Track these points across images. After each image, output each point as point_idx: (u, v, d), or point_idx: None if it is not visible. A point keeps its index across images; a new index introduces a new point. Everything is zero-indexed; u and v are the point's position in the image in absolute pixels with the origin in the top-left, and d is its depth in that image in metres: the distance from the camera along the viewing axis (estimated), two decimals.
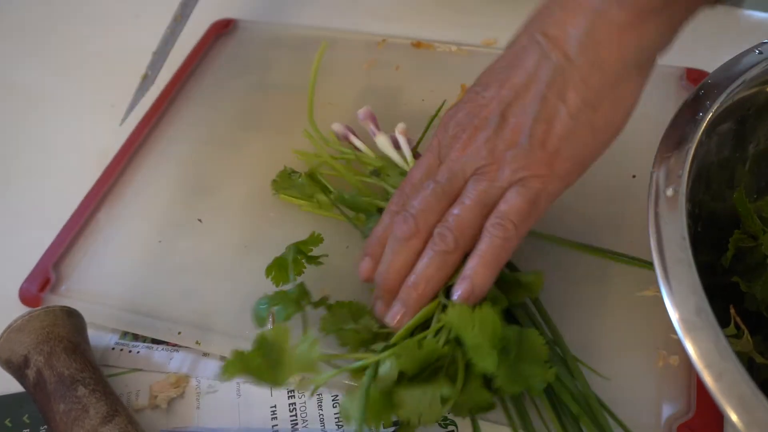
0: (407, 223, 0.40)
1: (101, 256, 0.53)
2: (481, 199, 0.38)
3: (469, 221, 0.38)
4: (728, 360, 0.31)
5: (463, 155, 0.39)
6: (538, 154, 0.37)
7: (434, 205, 0.40)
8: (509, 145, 0.38)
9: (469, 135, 0.39)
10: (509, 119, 0.38)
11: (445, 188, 0.40)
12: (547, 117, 0.37)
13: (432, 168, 0.41)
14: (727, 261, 0.42)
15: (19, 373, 0.43)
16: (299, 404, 0.45)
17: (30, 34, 0.76)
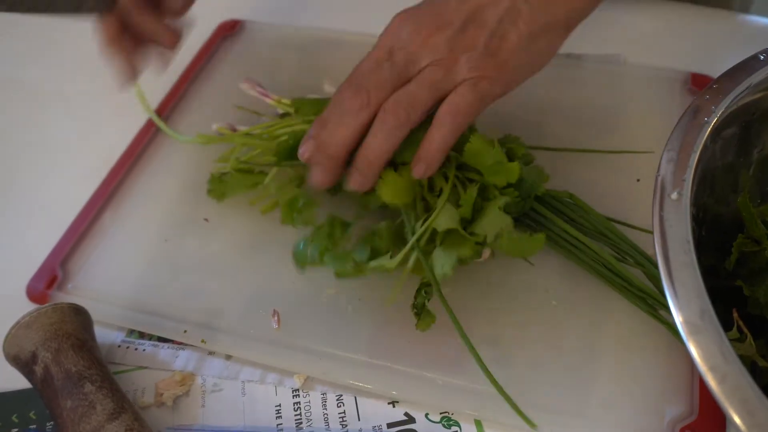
0: (359, 95, 0.43)
1: (108, 255, 0.53)
2: (435, 84, 0.43)
3: (421, 100, 0.43)
4: (732, 363, 0.31)
5: (423, 48, 0.43)
6: (491, 60, 0.43)
7: (387, 82, 0.43)
8: (467, 47, 0.43)
9: (429, 32, 0.44)
10: (469, 27, 0.43)
11: (400, 70, 0.43)
12: (501, 34, 0.43)
13: (381, 61, 0.44)
14: (730, 265, 0.43)
15: (27, 369, 0.43)
16: (304, 403, 0.45)
17: (36, 33, 0.76)
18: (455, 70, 0.43)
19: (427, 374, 0.44)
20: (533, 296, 0.47)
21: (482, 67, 0.43)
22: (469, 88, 0.43)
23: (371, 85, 0.43)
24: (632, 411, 0.42)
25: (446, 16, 0.44)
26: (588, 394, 0.43)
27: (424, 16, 0.45)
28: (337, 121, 0.44)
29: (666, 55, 0.65)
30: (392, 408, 0.44)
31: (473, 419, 0.43)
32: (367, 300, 0.48)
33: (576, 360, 0.44)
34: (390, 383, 0.44)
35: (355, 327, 0.47)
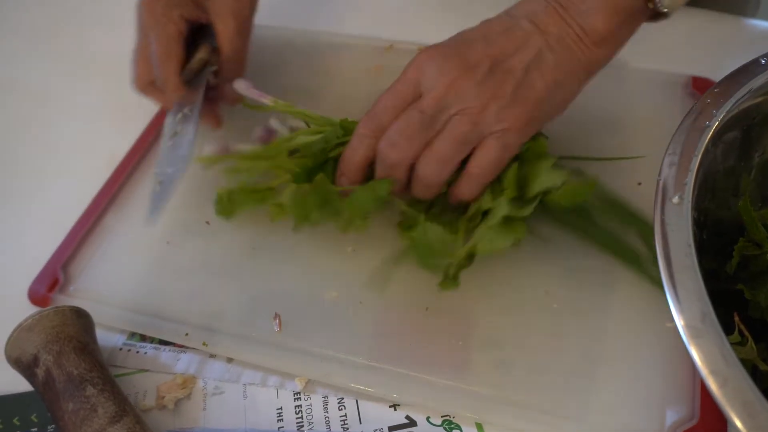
0: (394, 151, 0.45)
1: (110, 257, 0.53)
2: (463, 139, 0.44)
3: (449, 158, 0.44)
4: (733, 366, 0.31)
5: (450, 93, 0.44)
6: (518, 109, 0.44)
7: (417, 134, 0.44)
8: (495, 96, 0.43)
9: (457, 76, 0.44)
10: (496, 73, 0.44)
11: (429, 121, 0.44)
12: (529, 83, 0.44)
13: (405, 97, 0.45)
14: (731, 268, 0.43)
15: (29, 372, 0.43)
16: (305, 406, 0.45)
17: (39, 35, 0.76)
18: (483, 122, 0.44)
19: (429, 377, 0.44)
20: (534, 299, 0.47)
21: (510, 118, 0.43)
22: (497, 143, 0.44)
23: (405, 139, 0.44)
24: (633, 415, 0.42)
25: (472, 59, 0.44)
26: (589, 397, 0.43)
27: (451, 56, 0.45)
28: (382, 173, 0.47)
29: (667, 58, 0.65)
30: (393, 411, 0.44)
31: (474, 422, 0.43)
32: (368, 303, 0.48)
33: (577, 364, 0.44)
34: (391, 386, 0.44)
35: (357, 330, 0.47)
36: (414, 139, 0.44)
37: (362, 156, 0.47)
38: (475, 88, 0.43)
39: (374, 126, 0.46)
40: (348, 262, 0.51)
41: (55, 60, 0.73)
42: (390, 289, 0.49)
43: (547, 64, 0.44)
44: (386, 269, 0.49)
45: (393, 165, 0.46)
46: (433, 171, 0.45)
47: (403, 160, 0.45)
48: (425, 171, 0.45)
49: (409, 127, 0.44)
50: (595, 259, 0.49)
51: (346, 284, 0.49)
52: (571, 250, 0.50)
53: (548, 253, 0.49)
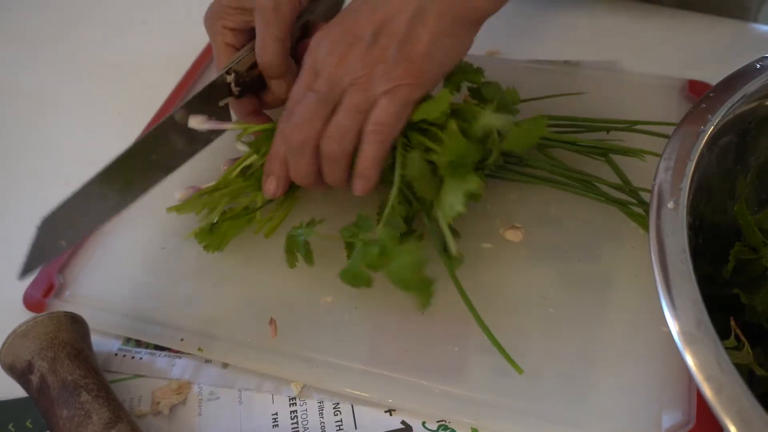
0: (297, 133, 0.46)
1: (105, 263, 0.53)
2: (358, 107, 0.45)
3: (348, 128, 0.45)
4: (728, 372, 0.31)
5: (339, 69, 0.45)
6: (405, 66, 0.44)
7: (316, 112, 0.46)
8: (379, 59, 0.45)
9: (343, 51, 0.45)
10: (380, 39, 0.45)
11: (325, 97, 0.45)
12: (413, 38, 0.45)
13: (309, 84, 0.47)
14: (727, 273, 0.43)
15: (23, 379, 0.43)
16: (300, 412, 0.45)
17: (37, 39, 0.76)
18: (373, 87, 0.45)
19: (424, 382, 0.44)
20: (530, 304, 0.47)
21: (397, 75, 0.44)
22: (389, 100, 0.45)
23: (304, 120, 0.46)
24: (629, 420, 0.42)
25: (356, 31, 0.46)
26: (585, 403, 0.43)
27: (337, 33, 0.46)
28: (293, 160, 0.47)
29: (663, 62, 0.65)
30: (389, 416, 0.44)
31: (470, 428, 0.43)
32: (363, 308, 0.48)
33: (573, 369, 0.44)
34: (387, 391, 0.44)
35: (352, 335, 0.47)
36: (313, 118, 0.46)
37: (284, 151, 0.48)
38: (361, 58, 0.45)
39: (289, 114, 0.47)
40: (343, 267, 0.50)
41: (52, 64, 0.73)
42: (385, 294, 0.49)
43: (429, 16, 0.44)
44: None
45: (298, 147, 0.46)
46: (335, 144, 0.45)
47: (307, 140, 0.46)
48: (328, 146, 0.46)
49: (307, 108, 0.46)
50: (591, 263, 0.49)
51: (341, 289, 0.49)
52: (567, 255, 0.50)
53: (544, 257, 0.49)
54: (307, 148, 0.46)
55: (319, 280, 0.50)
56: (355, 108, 0.45)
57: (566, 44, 0.57)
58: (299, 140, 0.46)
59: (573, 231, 0.51)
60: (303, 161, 0.47)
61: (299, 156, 0.47)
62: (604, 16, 0.71)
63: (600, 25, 0.70)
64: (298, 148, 0.46)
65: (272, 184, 0.49)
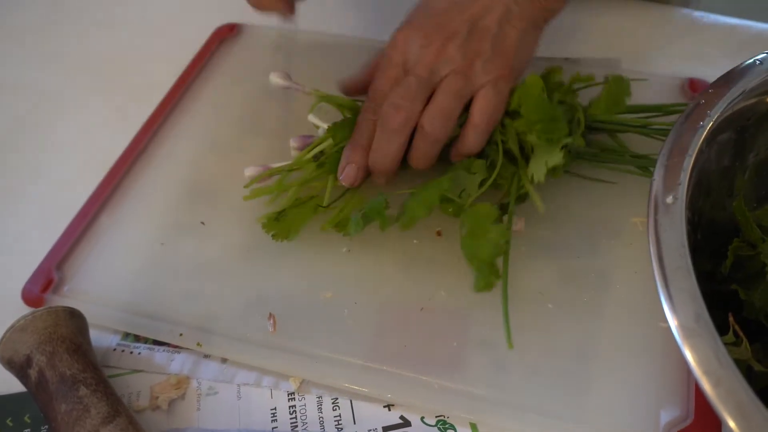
0: (399, 113, 0.47)
1: (104, 258, 0.53)
2: (459, 92, 0.48)
3: (451, 110, 0.48)
4: (726, 367, 0.31)
5: (439, 58, 0.48)
6: (501, 60, 0.48)
7: (417, 94, 0.48)
8: (478, 52, 0.48)
9: (441, 44, 0.48)
10: (475, 34, 0.48)
11: (426, 82, 0.48)
12: (504, 35, 0.49)
13: (397, 78, 0.49)
14: (726, 269, 0.43)
15: (21, 373, 0.43)
16: (299, 407, 0.45)
17: (35, 36, 0.76)
18: (473, 75, 0.48)
19: (423, 378, 0.44)
20: (529, 300, 0.47)
21: (496, 69, 0.48)
22: (492, 90, 0.48)
23: (407, 101, 0.47)
24: (627, 415, 0.42)
25: (451, 27, 0.49)
26: (583, 398, 0.43)
27: (430, 29, 0.49)
28: (387, 141, 0.48)
29: (664, 60, 0.65)
30: (388, 411, 0.44)
31: (469, 423, 0.43)
32: (363, 304, 0.48)
33: (571, 364, 0.44)
34: (385, 386, 0.44)
35: (351, 330, 0.47)
36: (415, 99, 0.47)
37: (369, 138, 0.49)
38: (459, 50, 0.48)
39: (375, 107, 0.49)
40: (343, 262, 0.50)
41: (50, 60, 0.73)
42: (384, 290, 0.49)
43: (515, 16, 0.49)
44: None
45: (397, 127, 0.47)
46: (439, 124, 0.47)
47: (408, 120, 0.47)
48: (432, 125, 0.47)
49: (409, 90, 0.47)
50: (590, 259, 0.49)
51: (340, 285, 0.49)
52: (566, 251, 0.50)
53: (543, 253, 0.49)
54: (406, 128, 0.48)
55: (319, 276, 0.50)
56: (458, 92, 0.47)
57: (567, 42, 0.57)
58: (401, 119, 0.47)
59: (571, 227, 0.51)
60: (399, 141, 0.48)
61: (397, 135, 0.48)
62: (604, 14, 0.71)
63: (600, 23, 0.70)
64: (398, 128, 0.48)
65: (352, 172, 0.50)
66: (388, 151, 0.48)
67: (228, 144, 0.61)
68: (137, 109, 0.64)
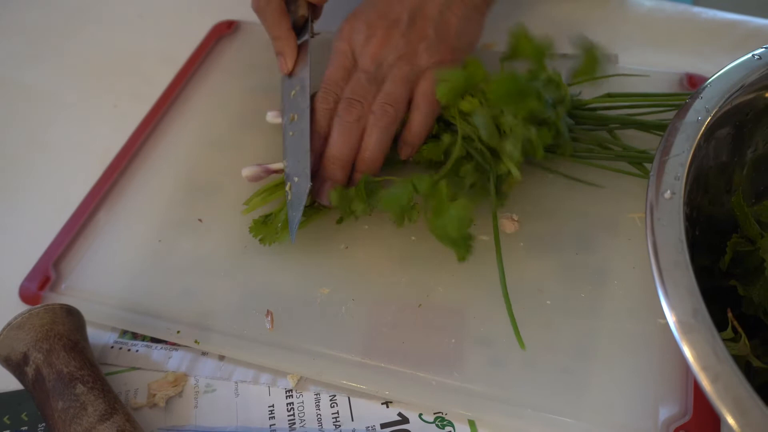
0: (354, 108, 0.50)
1: (101, 255, 0.53)
2: (407, 78, 0.50)
3: (401, 96, 0.50)
4: (725, 362, 0.31)
5: (383, 48, 0.51)
6: (443, 45, 0.52)
7: (368, 89, 0.50)
8: (420, 38, 0.51)
9: (384, 33, 0.51)
10: (417, 21, 0.52)
11: (374, 75, 0.51)
12: (445, 21, 0.52)
13: (347, 67, 0.52)
14: (725, 265, 0.42)
15: (18, 371, 0.43)
16: (297, 404, 0.45)
17: (32, 34, 0.76)
18: (418, 61, 0.51)
19: (421, 374, 0.44)
20: (527, 296, 0.47)
21: (439, 53, 0.51)
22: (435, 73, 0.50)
23: (359, 96, 0.50)
24: (626, 411, 0.42)
25: (392, 15, 0.52)
26: (582, 394, 0.43)
27: (373, 18, 0.52)
28: (342, 134, 0.50)
29: (662, 55, 0.65)
30: (386, 408, 0.44)
31: (467, 419, 0.43)
32: (360, 300, 0.48)
33: (570, 360, 0.44)
34: (383, 383, 0.44)
35: (349, 327, 0.47)
36: (366, 94, 0.50)
37: (326, 127, 0.51)
38: (402, 38, 0.51)
39: (332, 99, 0.51)
40: (340, 259, 0.50)
41: (48, 58, 0.73)
42: (382, 286, 0.49)
43: (455, 4, 0.52)
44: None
45: (353, 122, 0.50)
46: (391, 109, 0.49)
47: (362, 116, 0.50)
48: (382, 109, 0.49)
49: (359, 86, 0.50)
50: (588, 255, 0.49)
51: (338, 281, 0.49)
52: (564, 247, 0.50)
53: (541, 249, 0.49)
54: (361, 122, 0.50)
55: (316, 272, 0.50)
56: (404, 78, 0.50)
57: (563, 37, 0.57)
58: (355, 115, 0.49)
59: (569, 223, 0.51)
60: (355, 135, 0.50)
61: (354, 130, 0.50)
62: (601, 9, 0.71)
63: (597, 19, 0.70)
64: (353, 123, 0.50)
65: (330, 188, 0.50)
66: (348, 144, 0.50)
67: (225, 141, 0.61)
68: (134, 107, 0.64)
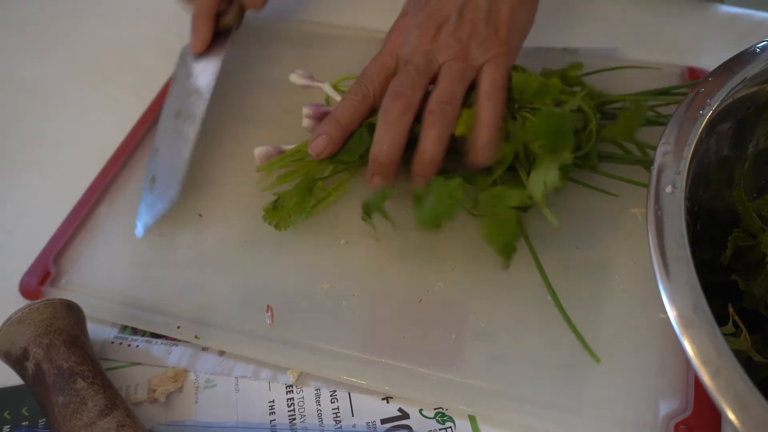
0: (400, 100, 0.47)
1: (101, 250, 0.53)
2: (461, 74, 0.48)
3: (458, 94, 0.47)
4: (725, 357, 0.31)
5: (433, 46, 0.49)
6: (495, 38, 0.49)
7: (417, 81, 0.48)
8: (471, 35, 0.49)
9: (434, 31, 0.49)
10: (466, 17, 0.49)
11: (424, 68, 0.48)
12: (495, 12, 0.49)
13: (388, 65, 0.50)
14: (726, 259, 0.42)
15: (19, 366, 0.43)
16: (297, 399, 0.45)
17: (33, 30, 0.76)
18: (471, 58, 0.48)
19: (421, 370, 0.44)
20: (528, 291, 0.47)
21: (492, 46, 0.49)
22: (493, 67, 0.48)
23: (407, 88, 0.47)
24: (627, 407, 0.42)
25: (441, 13, 0.49)
26: (582, 389, 0.42)
27: (422, 18, 0.50)
28: (386, 129, 0.47)
29: (663, 48, 0.64)
30: (386, 404, 0.44)
31: (467, 415, 0.43)
32: (361, 295, 0.48)
33: (570, 355, 0.44)
34: (384, 379, 0.44)
35: (349, 322, 0.47)
36: (415, 86, 0.47)
37: (348, 119, 0.49)
38: (452, 35, 0.49)
39: (362, 92, 0.49)
40: (341, 254, 0.50)
41: (48, 53, 0.73)
42: (383, 282, 0.49)
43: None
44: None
45: (399, 114, 0.47)
46: (449, 107, 0.47)
47: (407, 108, 0.47)
48: (440, 107, 0.47)
49: (407, 77, 0.48)
50: (589, 250, 0.49)
51: (339, 276, 0.49)
52: (565, 241, 0.49)
53: (541, 244, 0.49)
54: (406, 116, 0.47)
55: (317, 268, 0.50)
56: (459, 75, 0.48)
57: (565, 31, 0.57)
58: (401, 107, 0.47)
59: (570, 217, 0.51)
60: (402, 129, 0.47)
61: (399, 123, 0.47)
62: (603, 2, 0.70)
63: (599, 12, 0.70)
64: (399, 116, 0.47)
65: (322, 142, 0.49)
66: (389, 141, 0.47)
67: (225, 135, 0.60)
68: (134, 101, 0.64)
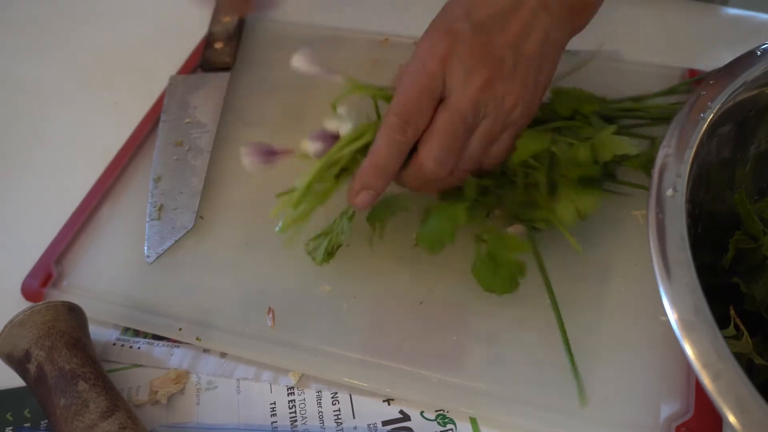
0: (444, 167, 0.44)
1: (103, 253, 0.53)
2: (492, 139, 0.45)
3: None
4: (726, 360, 0.31)
5: (485, 93, 0.42)
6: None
7: (460, 146, 0.44)
8: (524, 88, 0.44)
9: (489, 75, 0.42)
10: (521, 64, 0.43)
11: (471, 125, 0.43)
12: (541, 67, 0.44)
13: (431, 92, 0.42)
14: (727, 262, 0.42)
15: (21, 368, 0.43)
16: (299, 401, 0.45)
17: (34, 30, 0.76)
18: (510, 120, 0.44)
19: (422, 372, 0.44)
20: (529, 293, 0.47)
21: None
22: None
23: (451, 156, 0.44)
24: (628, 409, 0.42)
25: (497, 52, 0.42)
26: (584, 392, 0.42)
27: (476, 48, 0.42)
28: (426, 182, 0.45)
29: (663, 50, 0.64)
30: (387, 406, 0.44)
31: (468, 417, 0.43)
32: (362, 298, 0.48)
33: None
34: (385, 381, 0.44)
35: (351, 325, 0.47)
36: (458, 152, 0.44)
37: (394, 165, 0.44)
38: (505, 86, 0.43)
39: (404, 125, 0.43)
40: (342, 256, 0.50)
41: (48, 54, 0.73)
42: (384, 284, 0.49)
43: (552, 45, 0.44)
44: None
45: (437, 179, 0.45)
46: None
47: (450, 171, 0.45)
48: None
49: (455, 140, 0.43)
50: (590, 252, 0.49)
51: (340, 279, 0.49)
52: (566, 244, 0.49)
53: (543, 246, 0.49)
54: (447, 177, 0.45)
55: (318, 270, 0.50)
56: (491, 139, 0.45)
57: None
58: (441, 174, 0.44)
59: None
60: (440, 185, 0.47)
61: (438, 183, 0.46)
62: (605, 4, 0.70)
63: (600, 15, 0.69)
64: (441, 179, 0.45)
65: (368, 199, 0.45)
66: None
67: (226, 137, 0.61)
68: (134, 101, 0.64)
